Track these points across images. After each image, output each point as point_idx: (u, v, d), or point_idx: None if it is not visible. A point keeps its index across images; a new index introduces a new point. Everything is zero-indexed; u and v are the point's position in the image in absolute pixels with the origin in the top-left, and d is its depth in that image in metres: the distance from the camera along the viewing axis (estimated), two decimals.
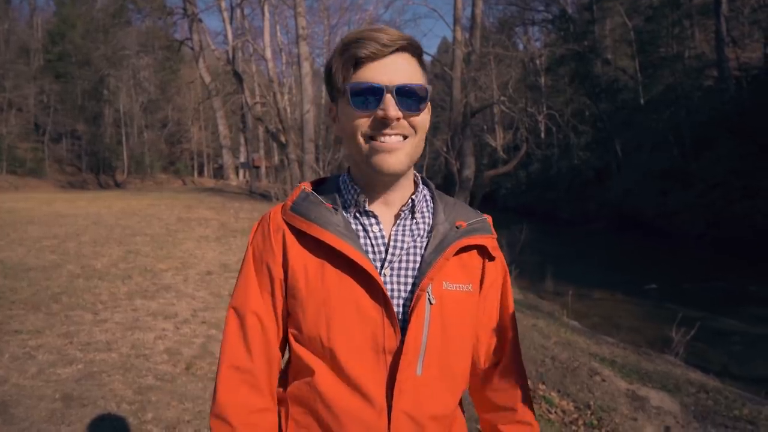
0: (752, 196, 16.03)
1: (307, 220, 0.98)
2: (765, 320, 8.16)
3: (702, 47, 24.41)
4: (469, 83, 16.87)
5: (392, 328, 0.93)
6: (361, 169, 1.00)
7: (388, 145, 0.93)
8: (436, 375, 0.96)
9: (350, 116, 0.95)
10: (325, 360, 0.95)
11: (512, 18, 31.46)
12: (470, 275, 1.02)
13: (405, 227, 1.02)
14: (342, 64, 0.94)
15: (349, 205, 1.02)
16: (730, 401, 4.24)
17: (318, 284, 0.95)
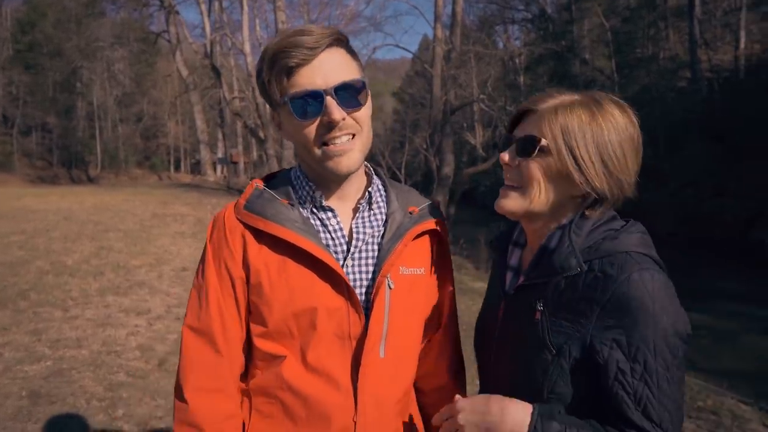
0: (721, 195, 16.50)
1: (264, 218, 0.98)
2: (732, 315, 8.42)
3: (676, 49, 24.98)
4: (449, 81, 16.96)
5: (357, 316, 0.97)
6: (315, 170, 1.02)
7: (339, 148, 0.95)
8: (396, 356, 1.01)
9: (296, 126, 0.96)
10: (292, 351, 0.97)
11: (492, 16, 31.70)
12: (423, 259, 1.07)
13: (364, 219, 1.05)
14: (274, 76, 0.94)
15: (305, 201, 1.03)
16: (694, 393, 4.37)
17: (282, 281, 0.97)
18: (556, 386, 0.90)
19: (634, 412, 0.83)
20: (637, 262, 0.87)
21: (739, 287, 10.44)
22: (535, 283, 0.94)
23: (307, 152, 0.98)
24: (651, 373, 0.83)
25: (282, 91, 0.94)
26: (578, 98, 0.95)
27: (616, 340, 0.84)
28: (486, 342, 1.06)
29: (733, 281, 10.81)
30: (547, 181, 0.93)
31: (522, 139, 0.94)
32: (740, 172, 16.23)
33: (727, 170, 16.74)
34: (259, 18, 25.34)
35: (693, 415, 3.97)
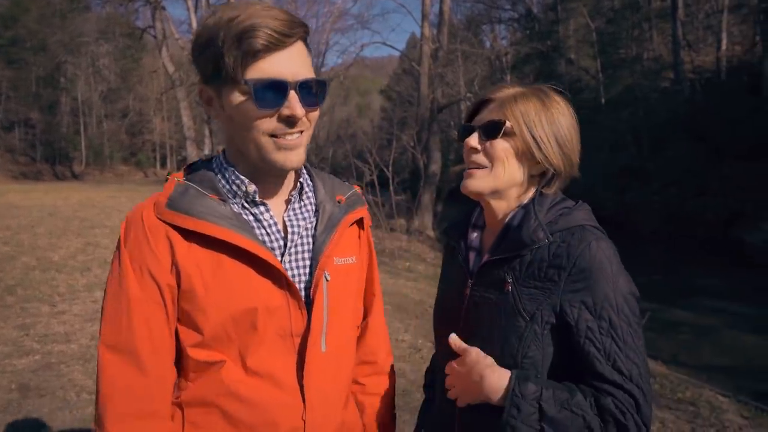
0: (703, 195, 16.79)
1: (192, 215, 0.89)
2: (713, 311, 8.60)
3: (660, 50, 25.31)
4: (436, 79, 17.05)
5: (299, 312, 0.94)
6: (254, 163, 0.94)
7: (290, 143, 0.90)
8: (337, 348, 0.99)
9: (249, 112, 0.88)
10: (231, 356, 0.91)
11: (479, 16, 31.81)
12: (353, 247, 1.07)
13: (296, 211, 1.01)
14: (237, 53, 0.85)
15: (235, 195, 0.96)
16: (674, 385, 4.50)
17: (217, 283, 0.89)
18: (530, 351, 0.98)
19: (605, 366, 0.92)
20: (592, 233, 0.99)
21: (720, 284, 10.65)
22: (501, 258, 1.02)
23: (251, 141, 0.90)
24: (615, 328, 0.93)
25: (243, 71, 0.85)
26: (529, 89, 1.08)
27: (583, 302, 0.94)
28: (452, 322, 1.11)
29: (715, 278, 11.02)
30: (510, 159, 1.04)
31: (487, 123, 1.04)
32: (722, 172, 16.53)
33: (710, 170, 17.04)
34: None
35: (672, 406, 4.08)
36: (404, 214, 14.51)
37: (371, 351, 1.17)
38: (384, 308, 4.68)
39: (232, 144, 0.97)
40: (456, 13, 30.35)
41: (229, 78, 0.86)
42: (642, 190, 19.46)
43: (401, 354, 4.57)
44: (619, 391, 0.91)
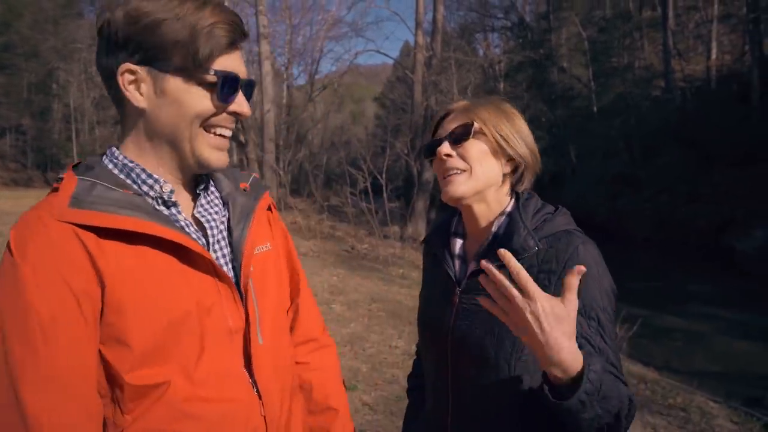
0: (694, 202, 16.94)
1: (106, 211, 0.79)
2: (704, 318, 8.65)
3: (650, 59, 25.60)
4: (429, 87, 17.15)
5: (235, 306, 0.89)
6: (175, 159, 0.88)
7: (223, 143, 0.89)
8: (273, 337, 0.96)
9: (202, 103, 0.84)
10: (174, 372, 0.81)
11: (473, 24, 32.07)
12: (266, 234, 1.04)
13: (205, 206, 0.96)
14: (213, 43, 0.82)
15: (145, 194, 0.87)
16: (666, 391, 4.53)
17: (145, 285, 0.80)
18: (523, 354, 1.00)
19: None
20: (578, 237, 1.04)
21: (711, 291, 10.73)
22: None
23: (185, 134, 0.85)
24: (603, 326, 0.98)
25: (208, 61, 0.83)
26: (482, 98, 1.15)
27: None
28: (440, 329, 1.12)
29: (706, 285, 11.10)
30: (486, 158, 1.09)
31: (455, 129, 1.09)
32: (713, 179, 16.70)
33: (701, 177, 17.21)
34: None
35: (664, 412, 4.11)
36: (398, 221, 14.53)
37: (308, 329, 1.16)
38: (378, 315, 4.71)
39: (141, 142, 0.88)
40: (449, 21, 30.62)
41: (195, 66, 0.82)
42: (634, 197, 19.60)
43: (395, 360, 4.58)
44: None
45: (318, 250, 10.91)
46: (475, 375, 1.04)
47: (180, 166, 0.90)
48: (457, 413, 1.09)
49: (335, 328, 5.40)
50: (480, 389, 1.05)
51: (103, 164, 0.89)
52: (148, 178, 0.88)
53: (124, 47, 0.82)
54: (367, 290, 7.48)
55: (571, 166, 25.56)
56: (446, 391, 1.11)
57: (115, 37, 0.82)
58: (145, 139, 0.88)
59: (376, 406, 3.69)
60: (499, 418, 1.04)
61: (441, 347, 1.12)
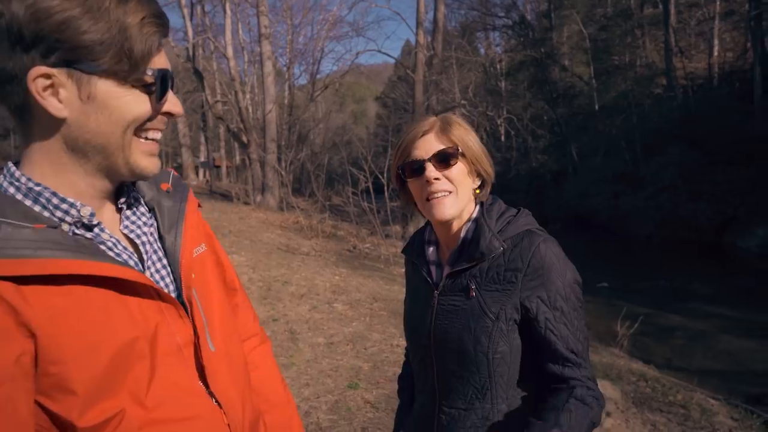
0: (696, 200, 16.93)
1: (21, 257, 0.68)
2: (706, 316, 8.66)
3: (652, 57, 25.57)
4: (431, 86, 17.18)
5: (180, 321, 0.84)
6: (102, 170, 0.79)
7: (156, 146, 0.82)
8: (223, 341, 0.92)
9: (134, 105, 0.76)
10: (125, 402, 0.74)
11: (474, 23, 32.09)
12: (198, 234, 0.97)
13: (131, 219, 0.88)
14: (150, 40, 0.75)
15: (58, 223, 0.75)
16: (666, 388, 4.55)
17: (81, 328, 0.71)
18: (499, 347, 1.10)
19: (563, 348, 1.08)
20: (539, 235, 1.13)
21: (713, 289, 10.72)
22: (462, 268, 1.15)
23: (115, 146, 0.76)
24: (566, 315, 1.09)
25: (143, 61, 0.75)
26: (446, 116, 1.22)
27: (539, 297, 1.08)
28: (422, 329, 1.21)
29: (708, 283, 11.10)
30: (465, 179, 1.18)
31: (440, 153, 1.15)
32: (715, 178, 16.69)
33: (702, 175, 17.19)
34: (241, 22, 25.33)
35: (664, 409, 4.14)
36: (399, 221, 14.56)
37: (247, 327, 1.15)
38: (380, 314, 4.74)
39: (55, 157, 0.76)
40: (450, 20, 30.67)
41: (130, 67, 0.74)
42: (635, 195, 19.60)
43: (396, 359, 4.61)
44: (575, 368, 1.08)
45: (320, 250, 10.96)
46: (457, 369, 1.14)
47: (108, 179, 0.80)
48: (444, 405, 1.18)
49: (337, 327, 5.44)
50: (463, 382, 1.14)
51: (2, 190, 0.76)
52: (62, 202, 0.76)
53: (32, 47, 0.69)
54: (369, 289, 7.52)
55: (573, 164, 25.56)
56: (433, 386, 1.20)
57: (18, 35, 0.68)
58: (64, 152, 0.75)
59: (378, 404, 3.73)
60: (483, 407, 1.13)
61: (425, 346, 1.20)
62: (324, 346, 4.85)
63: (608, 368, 4.95)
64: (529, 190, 27.48)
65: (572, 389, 1.06)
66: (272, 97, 17.27)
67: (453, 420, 1.16)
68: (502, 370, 1.11)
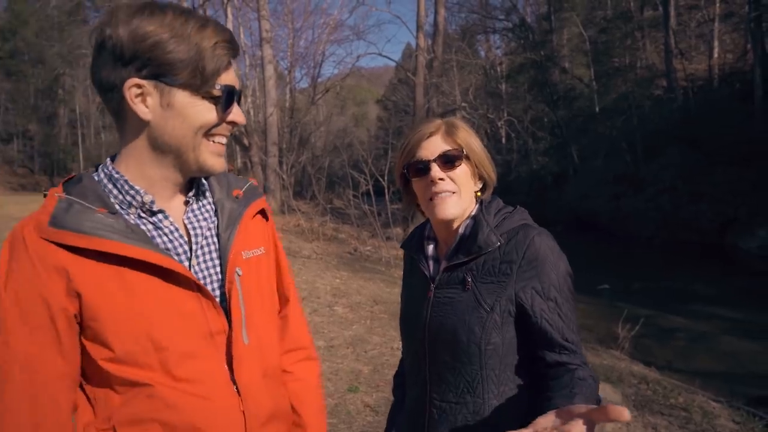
0: (697, 201, 16.91)
1: (81, 232, 0.85)
2: (707, 317, 8.63)
3: (652, 58, 25.55)
4: (431, 89, 17.21)
5: (215, 311, 0.94)
6: (176, 166, 0.95)
7: (223, 148, 0.97)
8: (258, 337, 1.01)
9: (203, 113, 0.91)
10: (154, 368, 0.88)
11: (474, 26, 32.13)
12: (258, 238, 1.09)
13: (195, 212, 1.01)
14: (219, 60, 0.90)
15: (128, 206, 0.93)
16: (667, 391, 4.55)
17: (121, 299, 0.87)
18: (492, 338, 1.13)
19: (558, 337, 1.11)
20: (534, 229, 1.17)
21: (715, 290, 10.69)
22: (459, 262, 1.19)
23: (190, 144, 0.92)
24: (560, 305, 1.12)
25: (213, 77, 0.90)
26: (452, 119, 1.25)
27: (533, 288, 1.11)
28: (417, 322, 1.23)
29: (710, 284, 11.07)
30: (469, 181, 1.22)
31: (445, 154, 1.19)
32: (715, 179, 16.66)
33: (703, 177, 17.17)
34: (243, 26, 25.42)
35: (665, 412, 4.13)
36: (400, 223, 14.57)
37: (295, 338, 1.20)
38: (380, 317, 4.75)
39: (140, 153, 0.93)
40: (451, 23, 30.71)
41: (202, 81, 0.89)
42: (636, 196, 19.58)
43: (396, 362, 4.61)
44: (572, 354, 1.11)
45: (321, 253, 10.97)
46: (450, 360, 1.16)
47: (181, 173, 0.96)
48: (435, 399, 1.20)
49: (337, 330, 5.44)
50: (455, 374, 1.16)
51: (91, 177, 0.95)
52: (131, 189, 0.93)
53: (130, 63, 0.87)
54: (370, 292, 7.53)
55: (574, 166, 25.53)
56: (425, 379, 1.21)
57: (120, 54, 0.86)
58: (149, 149, 0.92)
59: (377, 408, 3.73)
60: (474, 401, 1.15)
61: (419, 338, 1.22)
62: (324, 350, 4.85)
63: (609, 371, 4.94)
64: (530, 192, 27.45)
65: (573, 371, 1.09)
66: (273, 100, 17.31)
67: (444, 413, 1.17)
68: (494, 363, 1.13)
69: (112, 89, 0.89)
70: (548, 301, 1.11)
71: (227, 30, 0.93)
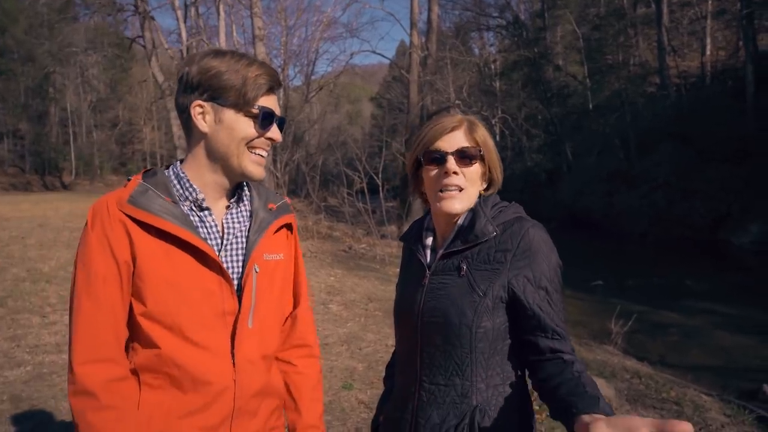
0: (690, 198, 17.01)
1: (149, 211, 1.11)
2: (700, 312, 8.69)
3: (645, 56, 25.66)
4: (425, 86, 17.21)
5: (230, 295, 1.16)
6: (224, 170, 1.18)
7: (262, 159, 1.20)
8: (261, 325, 1.21)
9: (248, 129, 1.16)
10: (173, 330, 1.11)
11: (468, 23, 32.10)
12: (281, 246, 1.30)
13: (233, 216, 1.23)
14: (258, 88, 1.15)
15: (185, 199, 1.18)
16: (659, 385, 4.58)
17: (164, 267, 1.11)
18: (482, 322, 1.17)
19: (548, 323, 1.16)
20: (528, 221, 1.22)
21: (707, 285, 10.76)
22: (455, 250, 1.24)
23: (235, 153, 1.16)
24: (550, 294, 1.17)
25: (253, 100, 1.15)
26: (471, 118, 1.29)
27: (526, 277, 1.17)
28: (412, 308, 1.27)
29: (702, 280, 11.13)
30: (478, 180, 1.27)
31: (463, 150, 1.24)
32: (708, 175, 16.76)
33: (696, 173, 17.27)
34: (236, 24, 25.30)
35: (657, 406, 4.16)
36: (395, 221, 14.57)
37: (302, 336, 1.38)
38: (375, 314, 4.78)
39: (200, 159, 1.19)
40: (444, 20, 30.65)
41: (244, 102, 1.14)
42: (630, 193, 19.67)
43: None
44: (563, 341, 1.16)
45: (315, 251, 10.96)
46: (441, 342, 1.20)
47: (227, 177, 1.19)
48: (424, 381, 1.23)
49: (332, 328, 5.44)
50: (446, 356, 1.20)
51: (164, 172, 1.21)
52: (189, 186, 1.18)
53: (196, 89, 1.14)
54: (364, 290, 7.53)
55: (567, 163, 25.61)
56: (416, 362, 1.25)
57: (190, 83, 1.15)
58: (205, 155, 1.18)
59: (372, 405, 3.74)
60: (463, 384, 1.18)
61: (412, 323, 1.26)
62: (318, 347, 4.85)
63: (602, 366, 4.97)
64: (524, 189, 27.49)
65: (570, 363, 1.14)
66: None
67: (432, 396, 1.21)
68: (483, 347, 1.17)
69: (184, 110, 1.17)
70: (539, 290, 1.16)
71: (271, 68, 1.19)
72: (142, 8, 22.88)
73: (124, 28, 30.73)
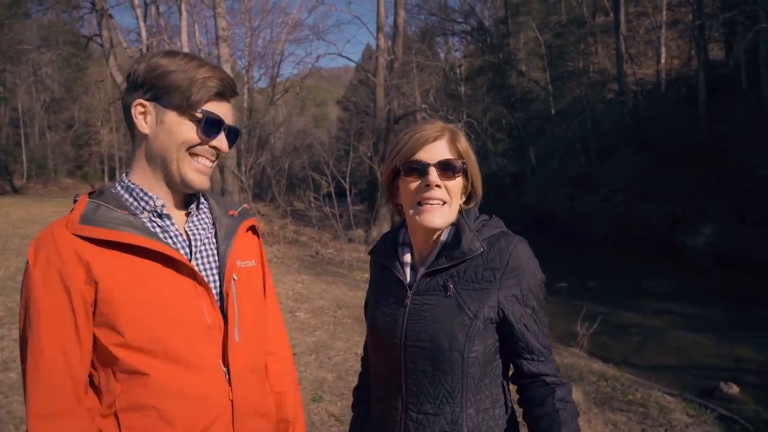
0: (647, 201, 17.58)
1: (105, 227, 1.01)
2: (659, 313, 8.97)
3: (604, 63, 26.44)
4: (392, 90, 17.23)
5: (212, 307, 1.09)
6: (169, 178, 1.11)
7: (205, 168, 1.13)
8: (248, 337, 1.14)
9: (188, 133, 1.09)
10: (158, 355, 1.01)
11: (433, 28, 32.37)
12: (251, 252, 1.25)
13: (195, 223, 1.17)
14: (204, 90, 1.08)
15: (143, 211, 1.10)
16: (625, 387, 4.66)
17: (133, 286, 1.01)
18: (474, 346, 1.11)
19: (534, 342, 1.13)
20: (513, 237, 1.18)
21: (665, 286, 11.12)
22: (439, 269, 1.16)
23: (174, 159, 1.09)
24: (536, 312, 1.15)
25: (198, 103, 1.08)
26: (452, 127, 1.22)
27: (514, 295, 1.13)
28: (393, 331, 1.18)
29: (661, 281, 11.49)
30: (459, 194, 1.20)
31: (446, 162, 1.16)
32: (664, 179, 17.36)
33: (652, 177, 17.86)
34: (198, 24, 24.75)
35: (624, 408, 4.23)
36: (363, 225, 14.50)
37: (272, 342, 1.32)
38: (344, 321, 4.69)
39: (143, 164, 1.12)
40: (410, 25, 30.84)
41: (187, 105, 1.07)
42: (591, 196, 20.19)
43: (359, 368, 4.55)
44: (546, 362, 1.15)
45: (282, 256, 10.77)
46: (430, 368, 1.12)
47: (169, 185, 1.12)
48: (411, 410, 1.14)
49: (300, 337, 5.32)
50: (435, 383, 1.12)
51: (111, 189, 1.12)
52: (145, 195, 1.10)
53: (140, 87, 1.08)
54: (333, 296, 7.42)
55: (531, 167, 26.11)
56: (400, 390, 1.16)
57: (135, 81, 1.09)
58: (145, 160, 1.11)
59: (342, 417, 3.65)
60: (453, 411, 1.11)
61: (394, 348, 1.17)
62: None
63: (570, 369, 5.02)
64: (490, 192, 27.59)
65: (552, 390, 1.12)
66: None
67: (421, 426, 1.13)
68: (474, 372, 1.11)
69: (127, 110, 1.10)
70: (526, 308, 1.13)
71: (225, 73, 1.12)
72: (100, 5, 22.12)
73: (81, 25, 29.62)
